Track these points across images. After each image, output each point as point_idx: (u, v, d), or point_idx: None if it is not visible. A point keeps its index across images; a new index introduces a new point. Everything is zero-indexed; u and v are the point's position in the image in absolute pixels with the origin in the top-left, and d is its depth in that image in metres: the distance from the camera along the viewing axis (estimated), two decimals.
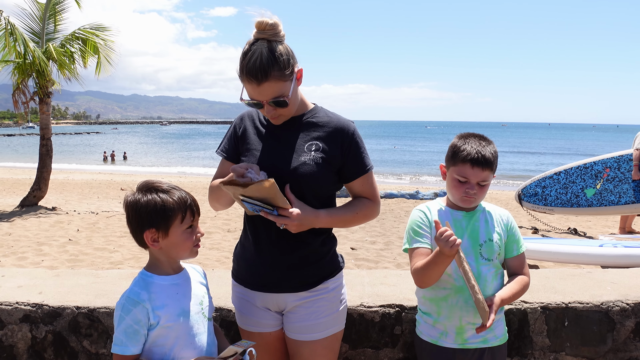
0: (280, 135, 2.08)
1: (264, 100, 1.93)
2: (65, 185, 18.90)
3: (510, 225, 2.15)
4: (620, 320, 2.49)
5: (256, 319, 2.12)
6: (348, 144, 2.07)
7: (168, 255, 1.82)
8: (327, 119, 2.11)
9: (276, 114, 1.99)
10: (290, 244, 2.03)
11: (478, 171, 2.01)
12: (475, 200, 2.07)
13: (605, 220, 13.12)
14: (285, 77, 1.92)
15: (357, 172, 2.09)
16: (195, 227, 1.83)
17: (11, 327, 2.46)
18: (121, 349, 1.70)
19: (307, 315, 2.06)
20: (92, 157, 44.54)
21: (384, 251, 8.89)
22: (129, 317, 1.70)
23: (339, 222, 2.08)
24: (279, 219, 1.88)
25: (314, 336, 2.06)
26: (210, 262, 7.89)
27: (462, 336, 2.06)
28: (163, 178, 18.42)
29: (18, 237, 9.44)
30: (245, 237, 2.15)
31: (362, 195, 2.13)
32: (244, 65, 1.90)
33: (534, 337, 2.47)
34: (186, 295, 1.84)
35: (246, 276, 2.13)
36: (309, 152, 2.03)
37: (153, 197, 1.76)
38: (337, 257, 2.19)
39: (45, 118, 13.28)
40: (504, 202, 15.96)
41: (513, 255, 2.14)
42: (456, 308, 2.05)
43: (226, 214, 12.22)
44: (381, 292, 2.60)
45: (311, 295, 2.06)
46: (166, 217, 1.75)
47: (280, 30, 1.93)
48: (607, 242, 8.09)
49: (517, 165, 35.44)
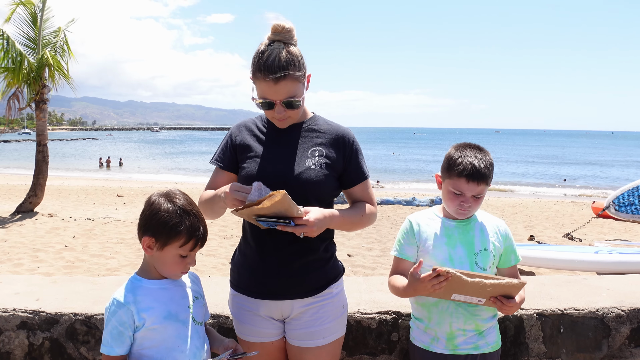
0: (282, 141, 2.09)
1: (278, 99, 1.94)
2: (61, 192, 18.85)
3: (507, 235, 2.15)
4: (615, 326, 2.50)
5: (257, 328, 2.09)
6: (349, 151, 2.11)
7: (156, 264, 1.84)
8: (327, 127, 2.14)
9: (285, 115, 1.99)
10: (295, 250, 2.02)
11: (473, 186, 2.02)
12: (470, 212, 2.08)
13: (601, 227, 13.18)
14: (299, 79, 1.95)
15: (357, 179, 2.13)
16: (189, 257, 1.82)
17: (8, 334, 2.46)
18: (107, 349, 1.76)
19: (312, 322, 2.06)
20: (88, 163, 44.42)
21: (380, 258, 8.91)
22: (114, 319, 1.75)
23: (348, 224, 2.08)
24: (297, 229, 1.84)
25: (318, 342, 2.06)
26: (206, 268, 7.88)
27: (452, 342, 2.06)
28: (159, 185, 18.31)
29: (14, 243, 9.41)
30: (246, 244, 2.12)
31: (362, 200, 2.16)
32: (261, 63, 1.91)
33: (530, 343, 2.48)
34: (174, 299, 1.84)
35: (249, 284, 2.09)
36: (312, 157, 2.05)
37: (171, 209, 1.76)
38: (338, 261, 2.21)
39: (42, 124, 13.28)
40: (499, 209, 16.00)
41: (510, 266, 2.15)
42: (446, 314, 2.06)
43: (222, 221, 12.21)
44: (378, 299, 2.61)
45: (317, 301, 2.06)
46: (169, 235, 1.75)
47: (295, 34, 1.98)
48: (603, 249, 8.12)
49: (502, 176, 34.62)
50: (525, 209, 16.71)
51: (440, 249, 2.07)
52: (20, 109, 13.20)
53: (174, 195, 1.81)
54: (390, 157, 54.64)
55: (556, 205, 18.04)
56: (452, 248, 2.07)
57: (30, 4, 13.08)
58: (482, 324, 2.08)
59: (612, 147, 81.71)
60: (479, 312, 2.06)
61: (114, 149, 69.45)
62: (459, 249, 2.07)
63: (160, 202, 1.78)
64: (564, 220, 14.22)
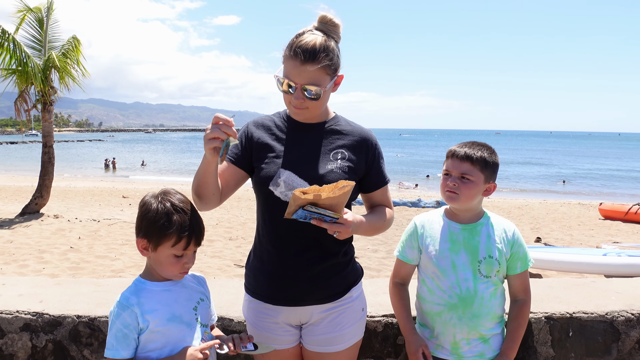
0: (303, 141, 2.01)
1: (299, 83, 1.86)
2: (67, 193, 18.93)
3: (515, 240, 2.07)
4: (625, 330, 2.47)
5: (274, 335, 2.02)
6: (372, 155, 2.06)
7: (154, 266, 1.81)
8: (350, 128, 2.08)
9: (302, 104, 1.91)
10: (317, 255, 1.96)
11: (457, 162, 2.00)
12: (458, 197, 2.00)
13: (608, 228, 13.09)
14: (328, 70, 1.88)
15: (378, 183, 2.08)
16: (185, 257, 1.78)
17: (11, 336, 2.45)
18: (112, 352, 1.72)
19: (332, 327, 2.00)
20: (94, 165, 44.58)
21: (385, 259, 8.87)
22: (119, 321, 1.72)
23: (372, 229, 2.02)
24: (333, 226, 1.78)
25: (338, 347, 2.01)
26: (211, 270, 7.87)
27: (457, 351, 2.04)
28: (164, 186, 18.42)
29: (20, 244, 9.44)
30: (263, 248, 2.04)
31: (382, 204, 2.11)
32: (295, 42, 1.87)
33: (538, 347, 2.45)
34: (178, 301, 1.81)
35: (267, 290, 2.02)
36: (335, 160, 1.98)
37: (160, 209, 1.74)
38: (357, 263, 2.16)
39: (48, 126, 13.33)
40: (505, 211, 15.94)
41: (516, 273, 2.08)
42: (449, 325, 2.03)
43: (228, 222, 12.21)
44: (384, 302, 2.58)
45: (337, 306, 2.01)
46: (159, 235, 1.73)
47: (340, 32, 1.94)
48: (611, 251, 8.06)
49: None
50: (532, 210, 16.64)
51: (443, 255, 2.03)
52: (27, 111, 13.26)
53: (166, 194, 1.78)
54: (393, 159, 54.39)
55: (563, 207, 17.95)
56: (455, 254, 2.03)
57: (38, 10, 13.18)
58: (486, 333, 2.04)
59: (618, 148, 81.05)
60: (483, 322, 2.02)
61: (122, 152, 69.63)
62: (462, 256, 2.02)
63: (150, 203, 1.76)
64: (571, 222, 14.14)
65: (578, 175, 38.86)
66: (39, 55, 13.23)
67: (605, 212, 15.08)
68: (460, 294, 2.00)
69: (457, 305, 2.00)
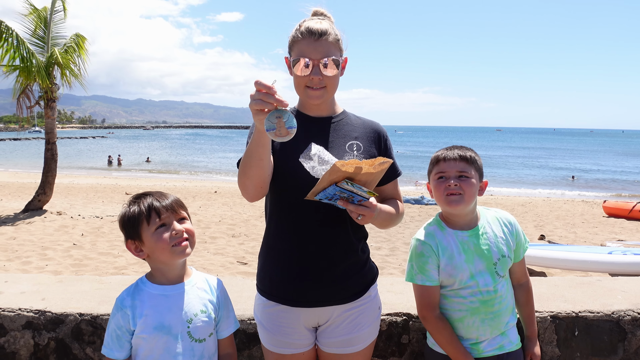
0: (316, 134, 1.98)
1: (317, 58, 1.86)
2: (70, 190, 18.95)
3: (516, 230, 2.10)
4: (631, 329, 2.44)
5: (291, 340, 1.97)
6: (384, 146, 2.07)
7: (158, 262, 1.79)
8: (360, 121, 2.09)
9: (321, 83, 1.89)
10: (338, 254, 1.94)
11: (452, 163, 1.97)
12: (462, 198, 1.95)
13: (612, 226, 13.04)
14: (338, 46, 1.93)
15: (391, 176, 2.06)
16: (168, 226, 1.74)
17: (14, 333, 2.44)
18: (107, 351, 1.75)
19: (351, 328, 1.97)
20: (97, 161, 44.63)
21: (389, 257, 8.85)
22: (114, 322, 1.75)
23: (388, 219, 1.96)
24: (359, 208, 1.72)
25: (356, 348, 1.99)
26: (214, 267, 7.86)
27: (477, 348, 2.01)
28: (167, 183, 18.40)
29: (22, 241, 9.45)
30: (277, 248, 1.99)
31: (393, 198, 2.09)
32: (302, 25, 1.90)
33: (543, 346, 2.43)
34: (172, 310, 1.76)
35: (285, 292, 1.95)
36: (351, 152, 1.98)
37: (127, 209, 1.78)
38: (372, 262, 2.13)
39: (51, 122, 13.34)
40: (509, 208, 15.89)
41: (519, 260, 2.12)
42: (472, 329, 2.00)
43: (231, 219, 12.21)
44: (388, 300, 2.56)
45: (357, 306, 1.98)
46: (132, 225, 1.75)
47: (334, 25, 1.98)
48: (616, 249, 8.01)
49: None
50: (535, 208, 16.59)
51: (461, 268, 1.97)
52: (29, 107, 13.27)
53: (136, 195, 1.83)
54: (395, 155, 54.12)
55: (566, 205, 17.90)
56: (472, 264, 1.98)
57: (44, 10, 13.21)
58: (505, 328, 2.04)
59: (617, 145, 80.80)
60: (503, 318, 2.02)
61: (125, 148, 69.74)
62: (478, 263, 1.99)
63: (121, 212, 1.80)
64: (575, 220, 14.09)
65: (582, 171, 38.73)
66: (41, 52, 13.23)
67: (609, 210, 15.03)
68: (482, 298, 1.98)
69: (479, 309, 1.98)
